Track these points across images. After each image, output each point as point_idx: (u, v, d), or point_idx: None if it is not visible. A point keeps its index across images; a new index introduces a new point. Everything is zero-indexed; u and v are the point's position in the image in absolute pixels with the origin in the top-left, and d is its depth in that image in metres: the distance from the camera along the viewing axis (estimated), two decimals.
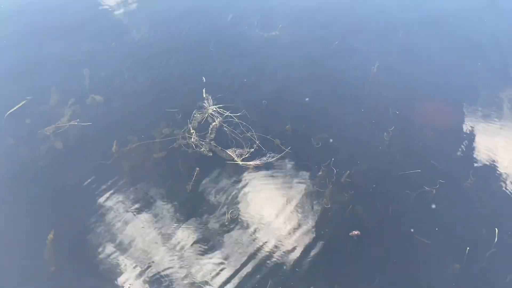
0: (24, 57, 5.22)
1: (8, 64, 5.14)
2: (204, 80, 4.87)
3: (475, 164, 4.13)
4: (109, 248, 3.61)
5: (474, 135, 4.38)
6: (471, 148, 4.26)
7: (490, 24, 5.79)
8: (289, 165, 4.14)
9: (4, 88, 4.85)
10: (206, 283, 3.43)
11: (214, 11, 6.03)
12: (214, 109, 4.53)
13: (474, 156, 4.20)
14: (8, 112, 4.50)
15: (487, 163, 4.15)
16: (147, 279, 3.46)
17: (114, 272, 3.49)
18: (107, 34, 5.60)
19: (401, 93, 4.77)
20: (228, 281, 3.43)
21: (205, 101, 4.61)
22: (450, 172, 4.03)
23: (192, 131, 4.33)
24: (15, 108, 4.53)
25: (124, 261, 3.54)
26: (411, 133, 4.36)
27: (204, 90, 4.71)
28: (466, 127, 4.45)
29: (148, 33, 5.62)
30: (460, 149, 4.26)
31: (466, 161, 4.16)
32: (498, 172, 4.08)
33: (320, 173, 4.04)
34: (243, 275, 3.46)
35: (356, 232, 3.66)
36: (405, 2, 6.26)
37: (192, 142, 4.26)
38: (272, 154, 4.18)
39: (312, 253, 3.58)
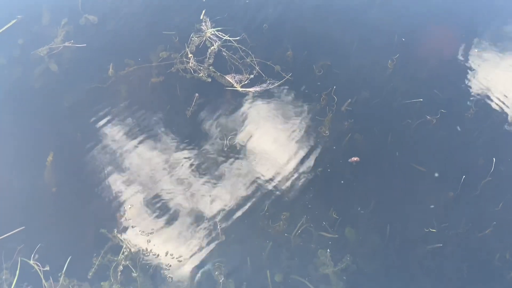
0: None
1: None
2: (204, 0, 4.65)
3: (477, 95, 4.07)
4: (108, 170, 3.66)
5: (479, 66, 4.26)
6: (475, 79, 4.17)
7: None
8: (289, 92, 4.07)
9: None
10: (204, 206, 3.52)
11: None
12: (213, 32, 4.35)
13: (478, 86, 4.12)
14: None
15: (489, 94, 4.08)
16: (146, 201, 3.54)
17: (113, 193, 3.56)
18: None
19: (409, 20, 4.55)
20: (225, 204, 3.52)
21: (203, 24, 4.42)
22: (452, 102, 3.98)
23: (190, 55, 4.20)
24: (5, 27, 4.35)
25: (123, 184, 3.60)
26: (416, 62, 4.24)
27: (203, 12, 4.49)
28: (472, 58, 4.32)
29: None
30: (464, 79, 4.17)
31: (469, 91, 4.09)
32: (499, 103, 4.02)
33: (320, 101, 3.98)
34: (240, 199, 3.54)
35: (355, 159, 3.69)
36: None
37: (190, 67, 4.14)
38: (272, 81, 4.09)
39: (309, 179, 3.63)
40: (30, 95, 4.01)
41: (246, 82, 4.09)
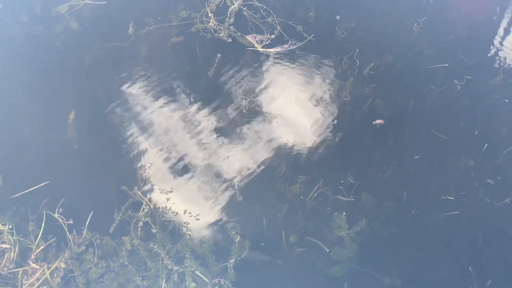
0: None
1: None
2: None
3: (506, 62, 3.92)
4: (129, 129, 3.71)
5: (509, 32, 4.08)
6: (505, 44, 4.00)
7: None
8: (310, 54, 3.99)
9: None
10: (222, 167, 3.56)
11: None
12: None
13: (506, 53, 3.97)
14: None
15: None
16: (166, 160, 3.60)
17: (134, 152, 3.63)
18: None
19: None
20: (243, 165, 3.56)
21: None
22: (479, 68, 3.85)
23: (210, 14, 4.12)
24: None
25: (144, 143, 3.66)
26: (443, 25, 4.08)
27: None
28: (503, 22, 4.13)
29: None
30: (493, 45, 4.01)
31: (497, 57, 3.95)
32: None
33: (342, 64, 3.90)
34: (257, 161, 3.57)
35: (379, 121, 3.64)
36: None
37: (210, 26, 4.08)
38: (294, 42, 4.00)
39: (327, 143, 3.63)
40: (51, 52, 4.03)
41: (267, 43, 4.02)
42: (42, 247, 3.27)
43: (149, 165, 3.58)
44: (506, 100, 3.75)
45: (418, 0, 4.18)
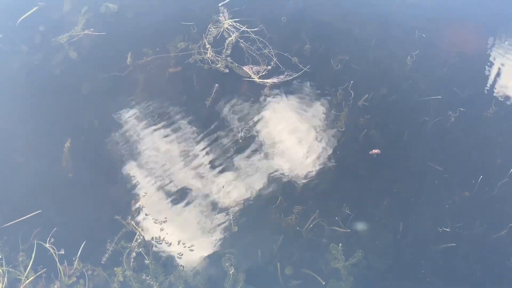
0: None
1: None
2: None
3: (498, 94, 3.99)
4: (124, 158, 3.70)
5: (501, 65, 4.17)
6: (496, 77, 4.08)
7: None
8: (306, 85, 4.05)
9: None
10: (217, 197, 3.54)
11: None
12: (230, 23, 4.34)
13: (499, 86, 4.04)
14: (20, 18, 4.38)
15: (511, 93, 3.99)
16: (161, 189, 3.57)
17: (129, 181, 3.61)
18: None
19: (430, 15, 4.47)
20: (238, 195, 3.54)
21: (221, 15, 4.41)
22: (472, 100, 3.91)
23: (207, 46, 4.20)
24: (27, 14, 4.40)
25: (139, 172, 3.65)
26: (436, 58, 4.16)
27: (223, 3, 4.48)
28: (494, 56, 4.22)
29: None
30: (485, 78, 4.09)
31: (490, 90, 4.01)
32: None
33: (337, 95, 3.95)
34: (253, 191, 3.55)
35: (376, 151, 3.66)
36: None
37: (208, 57, 4.15)
38: (290, 73, 4.07)
39: (322, 173, 3.62)
40: (49, 81, 4.07)
41: (263, 73, 4.08)
42: (32, 278, 3.20)
43: (143, 194, 3.55)
44: (498, 133, 3.79)
45: (410, 33, 4.28)
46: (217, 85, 3.99)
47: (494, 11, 4.56)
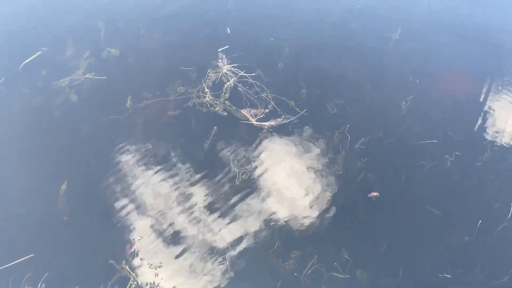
0: (41, 8, 5.15)
1: (25, 15, 5.08)
2: (229, 31, 4.80)
3: (493, 138, 4.04)
4: (120, 201, 3.67)
5: (494, 109, 4.26)
6: (490, 122, 4.15)
7: None
8: (303, 128, 4.10)
9: (20, 38, 4.82)
10: (214, 241, 3.48)
11: None
12: (229, 68, 4.45)
13: (493, 130, 4.10)
14: (24, 63, 4.48)
15: (506, 138, 4.05)
16: (157, 233, 3.52)
17: (124, 224, 3.56)
18: None
19: (423, 62, 4.62)
20: (235, 240, 3.48)
21: (220, 60, 4.53)
22: (467, 145, 3.95)
23: (206, 90, 4.29)
24: (30, 58, 4.51)
25: (135, 214, 3.60)
26: (430, 103, 4.26)
27: (222, 49, 4.62)
28: (487, 100, 4.32)
29: None
30: (479, 122, 4.16)
31: (484, 134, 4.07)
32: None
33: (334, 138, 3.99)
34: (250, 235, 3.50)
35: (375, 194, 3.65)
36: None
37: (207, 101, 4.22)
38: (287, 116, 4.13)
39: (321, 218, 3.59)
40: (49, 124, 4.11)
41: (261, 116, 4.14)
42: None
43: (139, 238, 3.49)
44: (495, 176, 3.80)
45: (404, 79, 4.40)
46: (215, 127, 4.03)
47: (487, 57, 4.72)
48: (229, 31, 4.85)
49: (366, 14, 5.17)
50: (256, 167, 3.87)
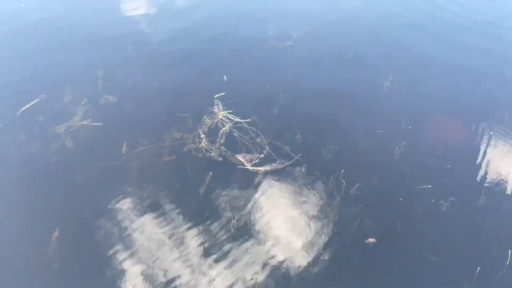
0: (42, 56, 5.27)
1: (26, 63, 5.19)
2: (225, 79, 4.91)
3: (487, 183, 4.07)
4: (115, 248, 3.59)
5: (487, 154, 4.31)
6: (483, 167, 4.20)
7: None
8: (298, 173, 4.11)
9: (20, 85, 4.89)
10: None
11: (229, 22, 6.04)
12: (224, 114, 4.53)
13: (486, 175, 4.14)
14: (21, 109, 4.53)
15: (499, 182, 4.08)
16: (151, 280, 3.43)
17: (117, 272, 3.47)
18: (124, 39, 5.63)
19: (415, 108, 4.73)
20: (231, 286, 3.40)
21: (216, 107, 4.61)
22: (461, 190, 3.97)
23: (202, 135, 4.33)
24: (28, 105, 4.57)
25: (128, 262, 3.52)
26: (423, 149, 4.31)
27: (218, 95, 4.71)
28: (479, 145, 4.39)
29: (164, 41, 5.63)
30: (472, 167, 4.20)
31: (478, 179, 4.10)
32: (510, 192, 4.00)
33: (329, 184, 4.00)
34: (244, 283, 3.42)
35: (372, 240, 3.61)
36: (418, 19, 6.23)
37: (202, 146, 4.25)
38: (282, 161, 4.16)
39: (317, 264, 3.53)
40: (44, 170, 4.09)
41: (256, 161, 4.16)
42: None
43: (131, 286, 3.40)
44: (491, 222, 3.79)
45: (397, 125, 4.48)
46: (211, 173, 4.04)
47: (478, 103, 4.84)
48: (225, 79, 4.96)
49: (357, 63, 5.34)
50: (251, 212, 3.84)
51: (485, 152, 4.33)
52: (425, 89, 5.02)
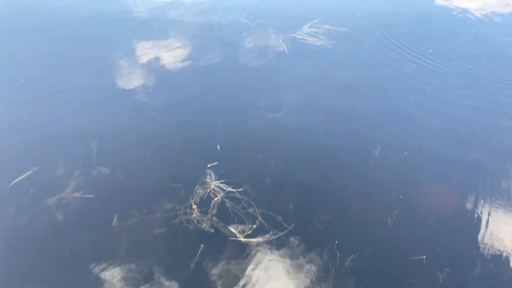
0: (34, 129, 5.34)
1: (18, 136, 5.24)
2: (219, 148, 4.98)
3: (482, 252, 4.03)
4: None
5: (481, 222, 4.32)
6: (478, 235, 4.18)
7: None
8: (291, 244, 4.06)
9: (11, 158, 4.91)
10: None
11: (221, 93, 6.25)
12: (217, 184, 4.55)
13: (482, 244, 4.11)
14: (12, 183, 4.52)
15: (495, 251, 4.05)
16: None
17: None
18: (119, 110, 5.74)
19: (405, 177, 4.79)
20: None
21: (208, 177, 4.65)
22: (456, 260, 3.93)
23: (194, 206, 4.32)
24: (19, 178, 4.57)
25: None
26: (415, 218, 4.32)
27: (211, 165, 4.76)
28: (473, 214, 4.41)
29: (158, 112, 5.76)
30: (466, 236, 4.18)
31: (472, 249, 4.07)
32: (507, 261, 3.96)
33: (323, 255, 3.94)
34: None
35: None
36: (406, 89, 6.48)
37: (194, 218, 4.23)
38: (275, 231, 4.12)
39: None
40: (32, 244, 4.00)
41: (248, 232, 4.12)
42: None
43: None
44: None
45: (388, 195, 4.51)
46: (202, 245, 3.97)
47: (468, 172, 4.92)
48: (219, 148, 5.05)
49: (346, 133, 5.47)
50: (243, 286, 3.73)
51: (477, 221, 4.33)
52: (416, 157, 5.09)
